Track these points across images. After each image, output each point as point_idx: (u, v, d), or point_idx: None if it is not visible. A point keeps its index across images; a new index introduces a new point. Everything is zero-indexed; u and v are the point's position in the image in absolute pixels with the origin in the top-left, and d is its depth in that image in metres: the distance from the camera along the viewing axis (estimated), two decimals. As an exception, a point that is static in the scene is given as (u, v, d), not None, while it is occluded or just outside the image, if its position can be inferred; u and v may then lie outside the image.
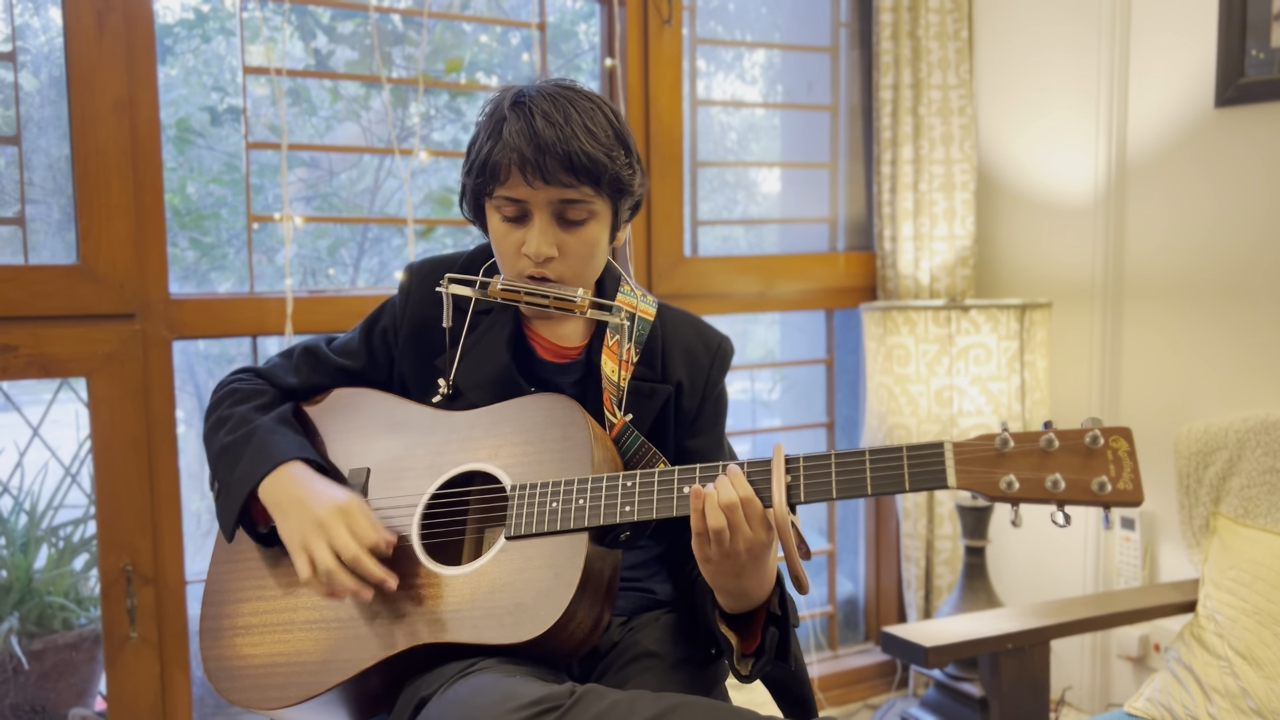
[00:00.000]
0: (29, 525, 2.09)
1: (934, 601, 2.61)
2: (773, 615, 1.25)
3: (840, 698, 2.69)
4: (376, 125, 2.44)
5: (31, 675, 2.01)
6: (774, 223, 2.87)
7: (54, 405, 2.08)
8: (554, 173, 1.22)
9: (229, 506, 1.29)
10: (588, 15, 2.54)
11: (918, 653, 1.77)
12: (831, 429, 2.80)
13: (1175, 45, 2.22)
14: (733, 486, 1.14)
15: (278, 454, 1.28)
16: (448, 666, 1.18)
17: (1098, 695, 2.44)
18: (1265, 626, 1.72)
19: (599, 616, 1.23)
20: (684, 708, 1.07)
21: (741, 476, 1.15)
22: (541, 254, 1.26)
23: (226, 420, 1.34)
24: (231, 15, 2.26)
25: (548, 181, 1.22)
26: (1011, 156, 2.61)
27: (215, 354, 2.47)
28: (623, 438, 1.31)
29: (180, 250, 2.32)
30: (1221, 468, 1.92)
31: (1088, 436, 1.07)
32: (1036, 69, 2.52)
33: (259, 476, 1.26)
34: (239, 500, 1.27)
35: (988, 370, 2.23)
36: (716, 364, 1.40)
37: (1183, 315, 2.23)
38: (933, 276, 2.60)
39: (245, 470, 1.28)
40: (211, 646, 1.31)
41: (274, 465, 1.27)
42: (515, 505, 1.23)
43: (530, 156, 1.21)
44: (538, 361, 1.37)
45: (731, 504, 1.13)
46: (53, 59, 1.97)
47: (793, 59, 2.82)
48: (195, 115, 2.32)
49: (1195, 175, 2.20)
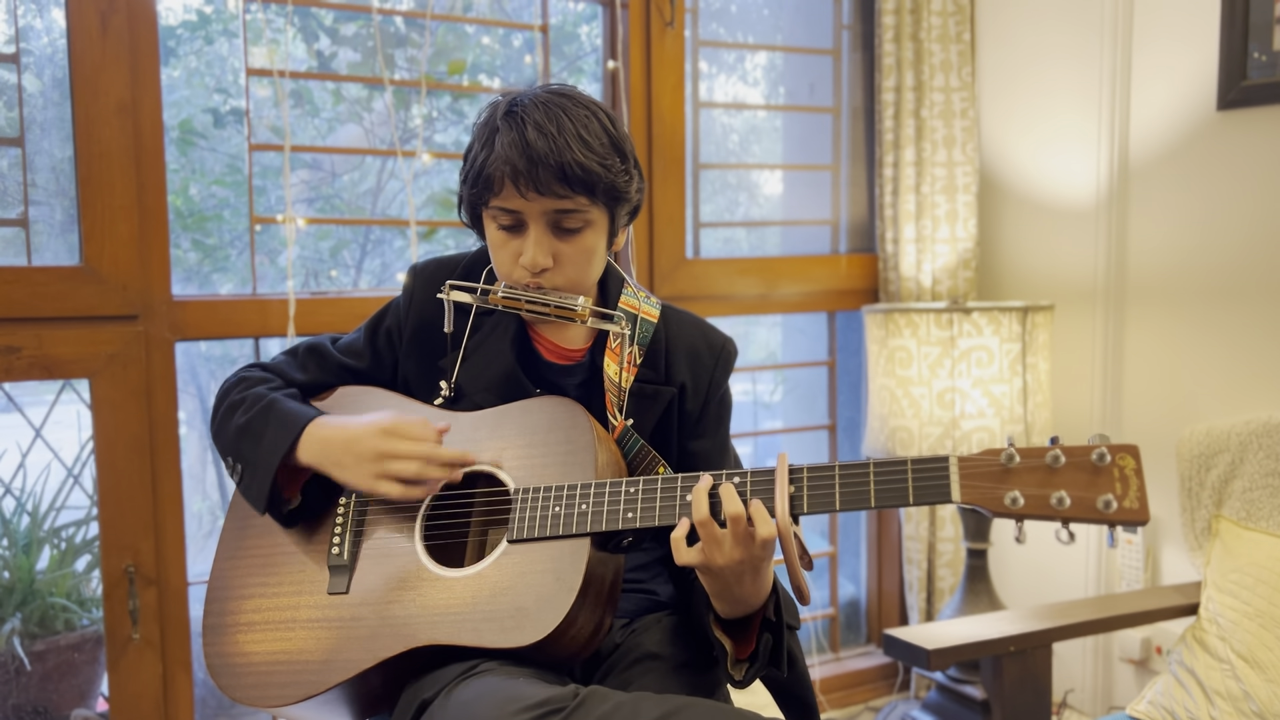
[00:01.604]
0: (31, 526, 2.09)
1: (936, 604, 2.61)
2: (768, 621, 1.25)
3: (842, 700, 2.69)
4: (379, 127, 2.44)
5: (34, 676, 2.01)
6: (776, 225, 2.87)
7: (56, 406, 2.09)
8: (547, 184, 1.21)
9: (261, 480, 1.27)
10: (590, 17, 2.54)
11: (919, 655, 1.77)
12: (833, 431, 2.80)
13: (1177, 48, 2.21)
14: (738, 498, 1.14)
15: (302, 417, 1.28)
16: (449, 668, 1.18)
17: (1100, 698, 2.44)
18: (1267, 629, 1.72)
19: (600, 621, 1.23)
20: (687, 710, 1.07)
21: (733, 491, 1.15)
22: (537, 264, 1.25)
23: (240, 403, 1.33)
24: (234, 17, 2.26)
25: (541, 192, 1.22)
26: (1014, 159, 2.61)
27: (218, 355, 2.47)
28: (623, 440, 1.31)
29: (183, 252, 2.32)
30: (1223, 470, 1.92)
31: (1094, 453, 1.05)
32: (1039, 72, 2.52)
33: (291, 440, 1.26)
34: (271, 470, 1.26)
35: (990, 373, 2.23)
36: (720, 365, 1.39)
37: (1185, 318, 2.23)
38: (935, 279, 2.60)
39: (273, 441, 1.27)
40: (214, 643, 1.31)
41: (301, 427, 1.27)
42: (518, 508, 1.23)
43: (523, 168, 1.20)
44: (542, 363, 1.37)
45: (737, 516, 1.13)
46: (56, 60, 1.97)
47: (795, 61, 2.83)
48: (198, 117, 2.32)
49: (1197, 178, 2.20)
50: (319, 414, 1.30)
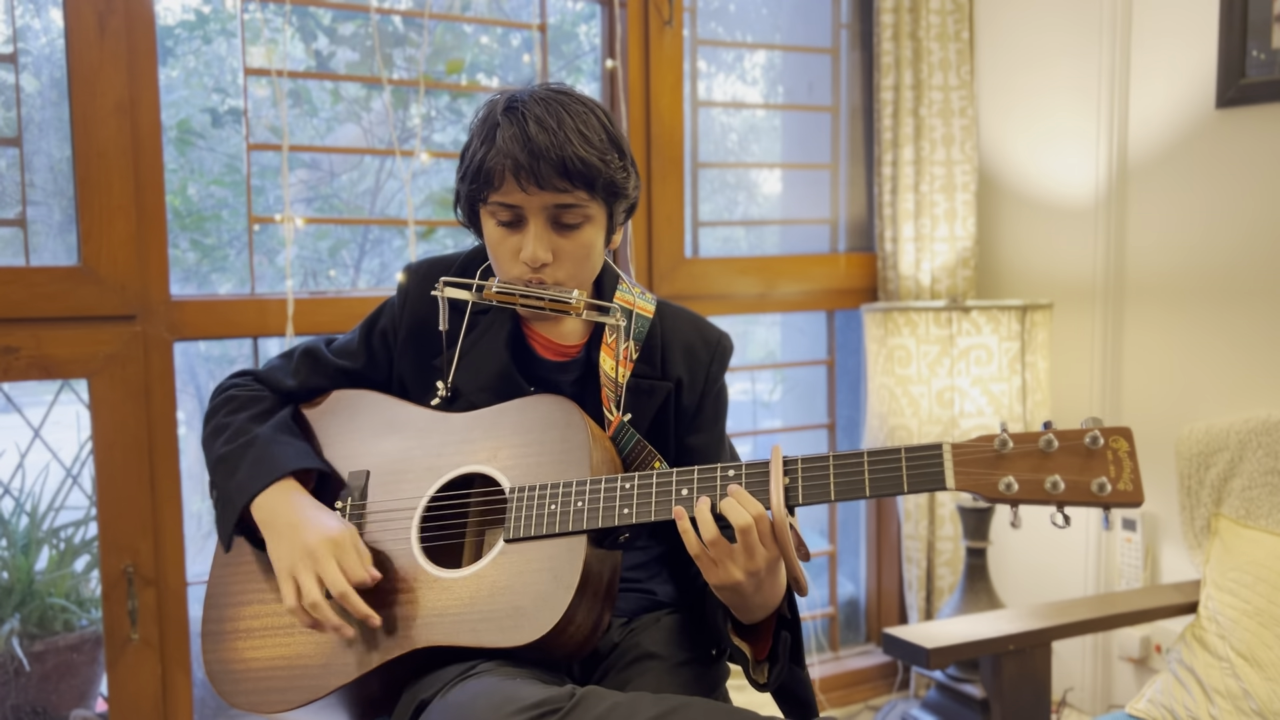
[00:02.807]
0: (30, 527, 2.09)
1: (935, 603, 2.61)
2: (783, 619, 1.25)
3: (841, 699, 2.69)
4: (377, 126, 2.44)
5: (33, 677, 2.01)
6: (775, 224, 2.87)
7: (55, 407, 2.09)
8: (548, 178, 1.21)
9: (226, 518, 1.30)
10: (588, 16, 2.54)
11: (919, 654, 1.77)
12: (832, 430, 2.80)
13: (1176, 46, 2.21)
14: (743, 508, 1.13)
15: (275, 467, 1.28)
16: (447, 669, 1.18)
17: (1099, 696, 2.44)
18: (1267, 628, 1.72)
19: (599, 619, 1.23)
20: (685, 709, 1.07)
21: (746, 495, 1.14)
22: (538, 259, 1.25)
23: (224, 429, 1.34)
24: (232, 17, 2.26)
25: (542, 187, 1.22)
26: (1012, 157, 2.60)
27: (216, 355, 2.47)
28: (620, 436, 1.31)
29: (181, 252, 2.32)
30: (1223, 469, 1.91)
31: (1087, 437, 1.06)
32: (1037, 70, 2.52)
33: (254, 491, 1.27)
34: (235, 513, 1.28)
35: (989, 371, 2.23)
36: (716, 360, 1.40)
37: (1184, 316, 2.23)
38: (934, 277, 2.60)
39: (241, 483, 1.28)
40: (213, 649, 1.32)
41: (269, 481, 1.27)
42: (514, 508, 1.23)
43: (524, 162, 1.21)
44: (537, 360, 1.37)
45: (747, 527, 1.12)
46: (54, 61, 1.97)
47: (793, 60, 2.82)
48: (196, 117, 2.32)
49: (1196, 176, 2.19)
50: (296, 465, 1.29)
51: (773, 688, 1.26)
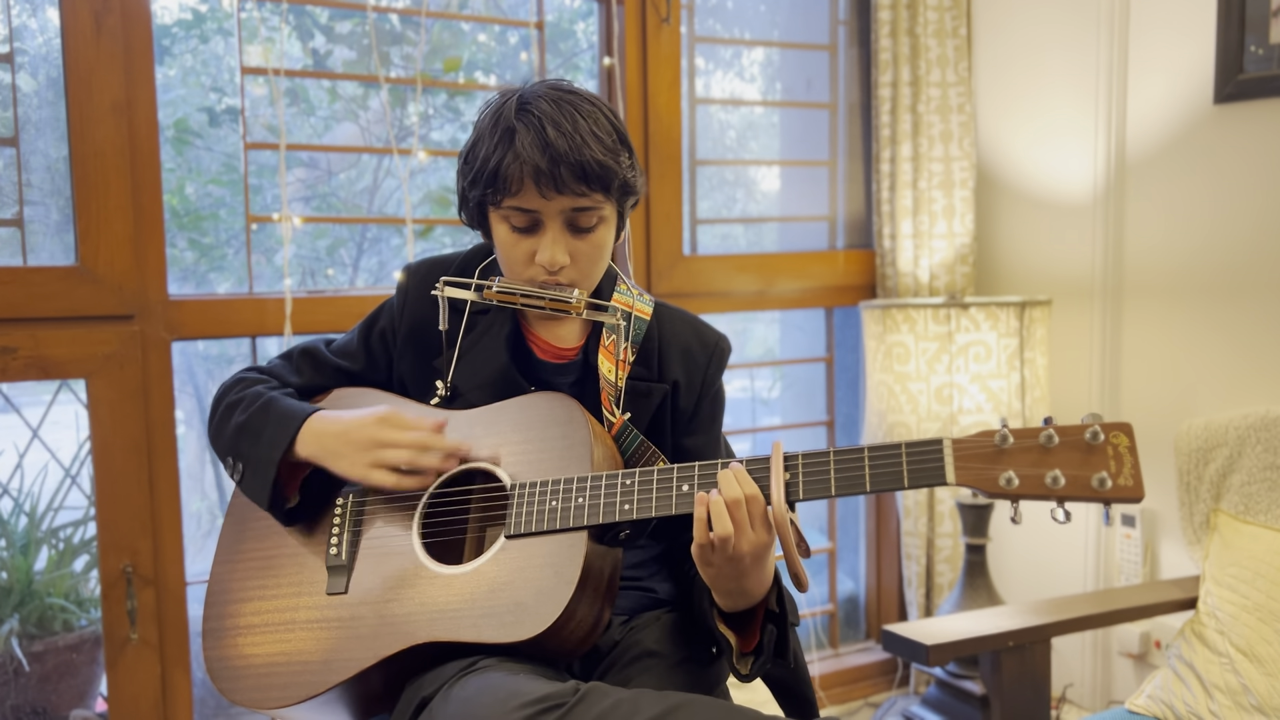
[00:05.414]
0: (29, 527, 2.09)
1: (935, 599, 2.61)
2: (771, 613, 1.25)
3: (841, 696, 2.69)
4: (375, 125, 2.43)
5: (32, 677, 2.01)
6: (773, 221, 2.87)
7: (53, 407, 2.08)
8: (567, 183, 1.21)
9: (263, 476, 1.28)
10: (586, 14, 2.54)
11: (919, 651, 1.77)
12: (831, 427, 2.80)
13: (1174, 42, 2.21)
14: (737, 483, 1.14)
15: (301, 412, 1.29)
16: (449, 665, 1.18)
17: (1099, 692, 2.44)
18: (1266, 623, 1.72)
19: (599, 615, 1.23)
20: (687, 707, 1.07)
21: (745, 473, 1.15)
22: (557, 263, 1.25)
23: (239, 403, 1.33)
24: (229, 15, 2.26)
25: (561, 191, 1.22)
26: (1010, 153, 2.61)
27: (214, 355, 2.47)
28: (622, 436, 1.31)
29: (179, 251, 2.32)
30: (1222, 464, 1.92)
31: (1088, 432, 1.06)
32: (1035, 66, 2.52)
33: (290, 436, 1.27)
34: (272, 466, 1.27)
35: (988, 368, 2.23)
36: (713, 363, 1.39)
37: (1183, 312, 2.23)
38: (932, 274, 2.60)
39: (272, 437, 1.28)
40: (213, 646, 1.31)
41: (300, 423, 1.27)
42: (515, 504, 1.23)
43: (545, 168, 1.20)
44: (535, 362, 1.37)
45: (736, 500, 1.13)
46: (50, 60, 1.97)
47: (791, 57, 2.82)
48: (193, 116, 2.32)
49: (1194, 172, 2.20)
50: (317, 409, 1.30)
51: (752, 679, 1.26)
